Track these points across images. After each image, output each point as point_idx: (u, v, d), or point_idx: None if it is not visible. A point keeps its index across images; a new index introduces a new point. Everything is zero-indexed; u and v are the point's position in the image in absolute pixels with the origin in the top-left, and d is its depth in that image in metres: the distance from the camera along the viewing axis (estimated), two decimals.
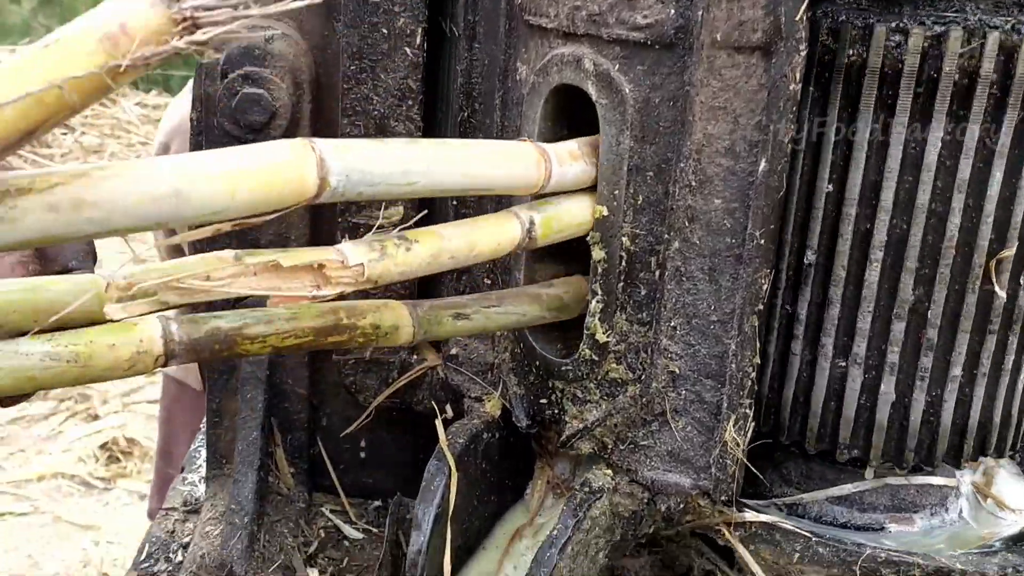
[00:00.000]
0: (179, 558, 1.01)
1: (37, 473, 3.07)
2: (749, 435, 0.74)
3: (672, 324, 0.74)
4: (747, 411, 0.73)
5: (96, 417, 3.30)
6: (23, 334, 0.47)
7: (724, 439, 0.73)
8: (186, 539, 1.03)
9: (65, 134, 4.98)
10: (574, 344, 0.79)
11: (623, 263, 0.74)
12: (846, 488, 0.81)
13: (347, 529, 1.07)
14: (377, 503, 1.12)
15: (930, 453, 0.76)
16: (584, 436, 0.79)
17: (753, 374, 0.73)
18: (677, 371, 0.75)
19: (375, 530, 1.09)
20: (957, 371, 0.73)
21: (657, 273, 0.74)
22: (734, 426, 0.73)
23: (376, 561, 0.97)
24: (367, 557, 1.05)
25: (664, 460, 0.77)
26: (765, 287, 0.70)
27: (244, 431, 1.01)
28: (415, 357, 0.95)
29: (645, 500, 0.79)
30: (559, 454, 0.93)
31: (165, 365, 0.49)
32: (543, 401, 0.82)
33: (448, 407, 0.94)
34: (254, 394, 1.02)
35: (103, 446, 3.13)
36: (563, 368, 0.79)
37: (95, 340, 0.47)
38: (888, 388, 0.73)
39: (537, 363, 0.82)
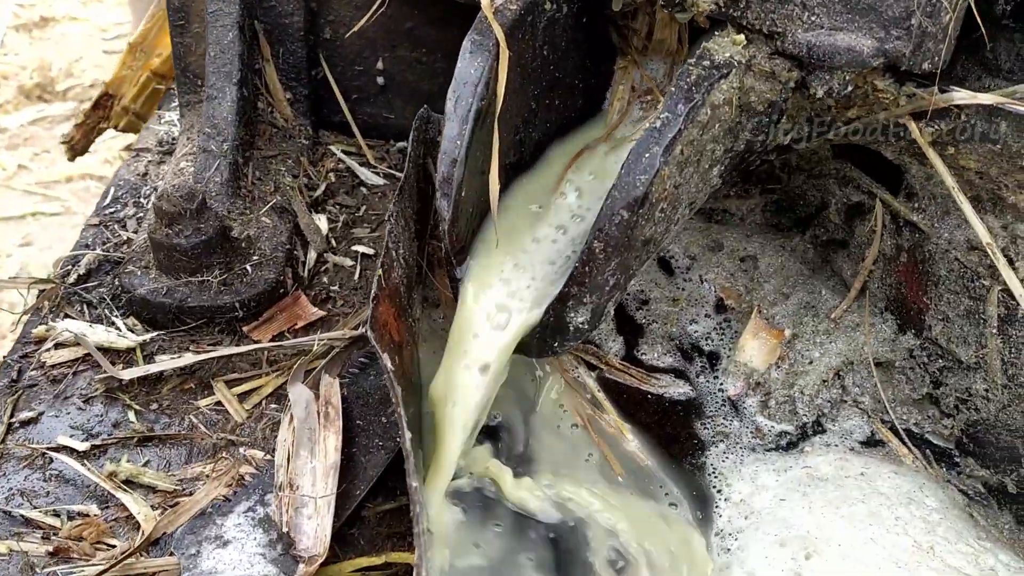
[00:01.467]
0: (151, 203, 0.80)
1: (65, 174, 2.98)
2: None
3: None
4: None
5: None
6: None
7: None
8: (160, 183, 0.82)
9: None
10: None
11: None
12: None
13: (363, 172, 0.84)
14: (401, 144, 0.88)
15: None
16: None
17: None
18: None
19: (398, 174, 0.85)
20: None
21: None
22: None
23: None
24: (388, 207, 0.83)
25: (833, 11, 0.49)
26: None
27: (216, 31, 0.75)
28: None
29: (792, 83, 0.52)
30: (649, 49, 0.65)
31: None
32: None
33: None
34: None
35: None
36: None
37: None
38: None
39: None
